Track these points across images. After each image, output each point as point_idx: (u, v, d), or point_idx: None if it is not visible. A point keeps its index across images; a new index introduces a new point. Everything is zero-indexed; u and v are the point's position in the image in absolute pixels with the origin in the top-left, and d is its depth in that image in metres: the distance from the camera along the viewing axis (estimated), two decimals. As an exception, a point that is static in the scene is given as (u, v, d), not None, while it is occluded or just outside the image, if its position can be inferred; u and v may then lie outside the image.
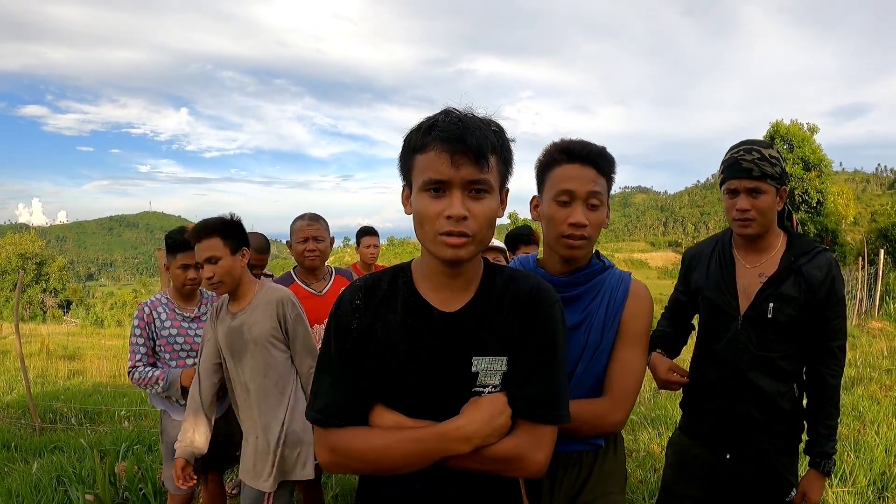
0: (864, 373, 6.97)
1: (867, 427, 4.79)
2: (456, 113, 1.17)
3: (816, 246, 1.98)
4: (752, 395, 1.98)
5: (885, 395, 5.87)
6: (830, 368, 1.97)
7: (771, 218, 1.94)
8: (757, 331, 1.96)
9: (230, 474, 4.23)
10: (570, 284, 1.59)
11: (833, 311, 1.94)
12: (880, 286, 12.62)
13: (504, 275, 1.31)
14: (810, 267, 1.92)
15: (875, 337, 9.54)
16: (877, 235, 21.31)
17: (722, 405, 2.04)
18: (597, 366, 1.56)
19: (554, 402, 1.23)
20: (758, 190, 1.90)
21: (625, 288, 1.60)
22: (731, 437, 2.03)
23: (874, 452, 4.13)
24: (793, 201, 24.85)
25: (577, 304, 1.58)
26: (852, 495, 3.56)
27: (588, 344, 1.56)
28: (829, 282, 1.91)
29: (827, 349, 1.97)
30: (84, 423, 6.19)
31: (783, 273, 1.94)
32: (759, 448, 2.00)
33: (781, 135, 25.31)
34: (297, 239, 2.87)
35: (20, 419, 6.35)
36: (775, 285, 1.94)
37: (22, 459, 4.81)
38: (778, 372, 1.97)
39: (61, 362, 10.83)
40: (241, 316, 2.46)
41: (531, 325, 1.25)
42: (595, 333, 1.56)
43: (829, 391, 1.98)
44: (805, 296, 1.91)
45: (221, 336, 2.48)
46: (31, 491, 3.87)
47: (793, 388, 2.00)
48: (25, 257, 47.22)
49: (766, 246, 2.00)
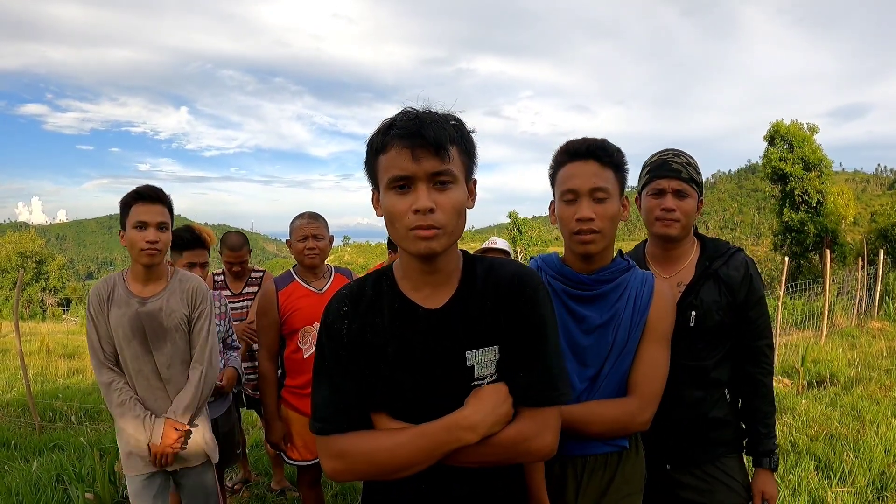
0: (864, 373, 6.97)
1: (866, 427, 4.79)
2: (413, 111, 1.19)
3: (730, 247, 1.97)
4: (683, 405, 1.90)
5: (885, 396, 5.87)
6: (761, 367, 1.95)
7: (692, 223, 1.94)
8: (682, 341, 1.83)
9: (230, 472, 4.24)
10: (597, 282, 1.60)
11: (756, 309, 1.92)
12: (880, 286, 12.61)
13: (484, 264, 1.32)
14: (727, 269, 1.90)
15: (874, 337, 9.54)
16: (876, 236, 21.30)
17: (657, 416, 1.90)
18: (623, 365, 1.57)
19: (551, 385, 1.25)
20: (684, 192, 1.89)
21: (650, 287, 1.61)
22: (669, 447, 1.95)
23: (873, 452, 4.14)
24: (793, 201, 24.83)
25: (604, 302, 1.60)
26: (851, 495, 3.57)
27: (616, 342, 1.57)
28: (747, 281, 1.89)
29: (755, 349, 1.94)
30: (84, 421, 6.20)
31: (700, 279, 1.91)
32: (695, 457, 1.94)
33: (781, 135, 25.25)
34: (297, 237, 2.88)
35: (20, 417, 6.35)
36: (694, 293, 1.90)
37: (22, 458, 4.81)
38: (707, 379, 1.92)
39: (61, 361, 10.82)
40: (155, 301, 2.37)
41: (517, 311, 1.26)
42: (623, 332, 1.57)
43: (763, 390, 1.95)
44: (726, 298, 1.89)
45: (123, 321, 2.32)
46: (31, 489, 3.87)
47: (724, 395, 1.97)
48: (25, 256, 47.15)
49: (681, 254, 1.97)
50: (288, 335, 2.89)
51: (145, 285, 2.39)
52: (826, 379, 6.88)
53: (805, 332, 10.37)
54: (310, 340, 2.87)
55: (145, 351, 2.36)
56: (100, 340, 2.33)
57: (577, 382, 1.57)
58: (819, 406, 5.53)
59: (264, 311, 2.89)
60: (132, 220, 2.30)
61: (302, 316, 2.85)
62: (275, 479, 4.12)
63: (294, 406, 2.91)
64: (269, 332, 2.89)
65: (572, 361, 1.58)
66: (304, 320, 2.85)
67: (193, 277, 2.54)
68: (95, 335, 2.33)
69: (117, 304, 2.34)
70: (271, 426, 2.92)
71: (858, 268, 13.80)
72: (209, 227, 3.39)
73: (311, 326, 2.86)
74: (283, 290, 2.89)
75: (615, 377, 1.57)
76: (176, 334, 2.39)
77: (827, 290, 10.31)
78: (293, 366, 2.92)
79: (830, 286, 10.96)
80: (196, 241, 3.03)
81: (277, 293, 2.87)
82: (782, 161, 24.81)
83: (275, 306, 2.85)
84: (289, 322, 2.85)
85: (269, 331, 2.89)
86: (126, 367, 2.36)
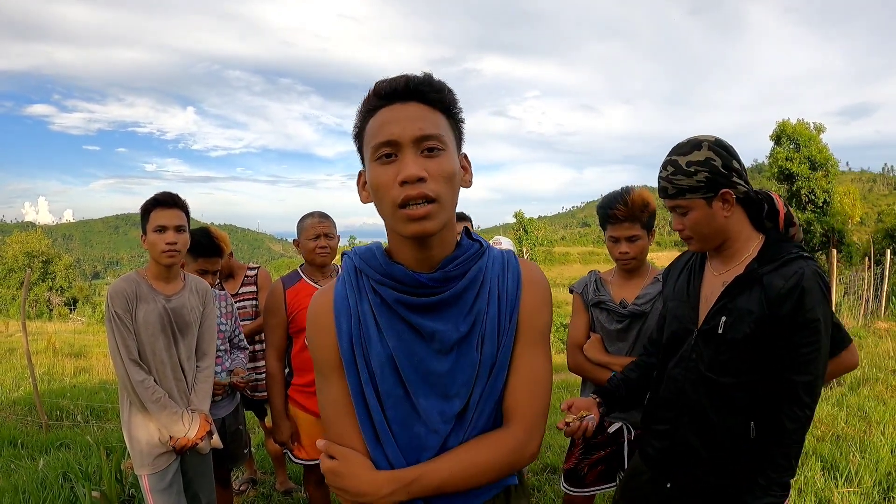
0: (871, 373, 6.93)
1: (873, 427, 4.77)
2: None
3: (793, 252, 1.61)
4: (695, 421, 1.71)
5: (892, 396, 5.84)
6: (790, 410, 1.57)
7: (713, 230, 1.68)
8: (709, 348, 1.67)
9: (237, 472, 4.25)
10: (443, 280, 1.13)
11: (800, 335, 1.55)
12: (887, 286, 12.55)
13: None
14: (774, 276, 1.57)
15: (881, 337, 9.49)
16: (883, 235, 21.24)
17: (668, 429, 1.80)
18: (495, 386, 1.15)
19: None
20: (679, 207, 1.70)
21: (515, 274, 1.20)
22: (674, 465, 1.79)
23: (880, 453, 4.12)
24: (799, 201, 24.74)
25: (458, 308, 1.15)
26: (858, 495, 3.55)
27: (483, 359, 1.14)
28: (796, 296, 1.53)
29: (789, 384, 1.57)
30: (90, 420, 6.22)
31: (742, 282, 1.62)
32: (700, 482, 1.72)
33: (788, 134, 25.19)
34: (309, 236, 2.89)
35: (27, 416, 6.38)
36: (730, 296, 1.64)
37: (28, 456, 4.83)
38: (728, 401, 1.65)
39: (67, 360, 10.87)
40: (178, 298, 2.53)
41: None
42: (490, 344, 1.15)
43: (782, 437, 1.58)
44: (763, 311, 1.57)
45: (152, 317, 2.43)
46: (38, 488, 3.89)
47: (748, 426, 1.64)
48: (32, 256, 47.38)
49: (733, 252, 1.71)
50: (295, 334, 2.89)
51: (167, 284, 2.53)
52: (832, 379, 6.85)
53: (811, 333, 10.32)
54: (316, 339, 2.86)
55: (170, 345, 2.49)
56: (126, 339, 2.39)
57: (437, 423, 1.13)
58: (825, 406, 5.50)
59: (272, 310, 2.90)
60: (152, 225, 2.45)
61: (309, 314, 2.85)
62: (278, 481, 4.12)
63: (302, 405, 2.91)
64: (276, 331, 2.90)
65: (429, 396, 1.13)
66: (310, 319, 2.85)
67: (199, 279, 2.70)
68: (123, 334, 2.38)
69: (144, 301, 2.44)
70: (279, 425, 2.92)
71: (865, 268, 13.73)
72: (215, 226, 3.38)
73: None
74: (291, 288, 2.89)
75: (487, 405, 1.15)
76: (194, 329, 2.58)
77: (833, 290, 10.28)
78: (300, 364, 2.92)
79: (837, 286, 10.91)
80: (212, 249, 3.04)
81: (285, 292, 2.88)
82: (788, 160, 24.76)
83: (282, 305, 2.86)
84: (296, 320, 2.85)
85: (277, 329, 2.89)
86: (148, 362, 2.45)
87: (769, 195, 1.73)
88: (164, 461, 2.46)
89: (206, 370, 2.63)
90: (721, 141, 1.67)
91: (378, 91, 1.10)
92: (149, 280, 2.51)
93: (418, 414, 1.14)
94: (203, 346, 2.64)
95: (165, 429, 2.42)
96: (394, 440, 1.13)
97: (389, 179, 1.05)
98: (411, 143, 1.05)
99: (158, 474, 2.45)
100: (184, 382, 2.54)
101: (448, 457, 1.12)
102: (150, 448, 2.43)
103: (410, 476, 1.09)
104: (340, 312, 1.17)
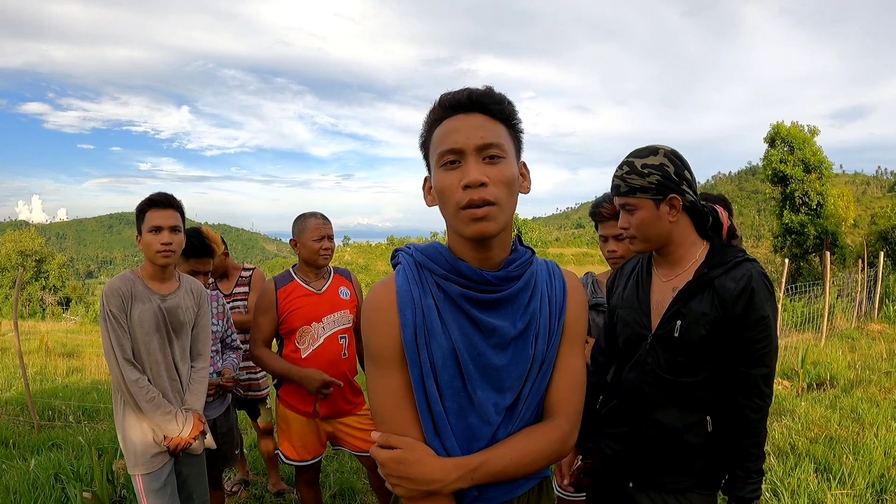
0: (864, 375, 6.96)
1: (866, 429, 4.79)
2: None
3: (739, 256, 1.71)
4: (654, 422, 1.77)
5: (885, 398, 5.87)
6: (751, 400, 1.68)
7: (657, 232, 1.74)
8: (665, 351, 1.74)
9: (230, 473, 4.23)
10: (506, 279, 1.22)
11: (753, 331, 1.65)
12: (880, 288, 12.61)
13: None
14: (725, 279, 1.67)
15: (874, 339, 9.53)
16: (876, 238, 21.33)
17: (626, 431, 1.85)
18: (542, 383, 1.26)
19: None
20: (628, 205, 1.76)
21: (560, 281, 1.32)
22: (634, 464, 1.83)
23: (873, 455, 4.13)
24: (793, 203, 24.85)
25: (515, 305, 1.24)
26: (851, 498, 3.56)
27: (535, 356, 1.25)
28: (746, 296, 1.63)
29: (748, 377, 1.68)
30: (82, 420, 6.19)
31: (693, 287, 1.70)
32: (660, 481, 1.78)
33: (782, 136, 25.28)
34: (313, 237, 2.86)
35: (18, 416, 6.34)
36: (684, 300, 1.71)
37: (20, 457, 4.80)
38: (687, 401, 1.74)
39: (60, 360, 10.82)
40: (173, 298, 2.52)
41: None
42: (542, 342, 1.25)
43: (749, 428, 1.68)
44: (717, 312, 1.66)
45: (147, 317, 2.41)
46: (29, 488, 3.86)
47: (705, 421, 1.74)
48: (25, 254, 47.20)
49: (679, 258, 1.78)
50: (286, 335, 2.88)
51: (162, 284, 2.52)
52: (826, 381, 6.87)
53: (805, 334, 10.36)
54: (308, 341, 2.85)
55: (164, 345, 2.47)
56: (121, 338, 2.38)
57: (491, 415, 1.21)
58: (819, 408, 5.52)
59: (263, 308, 2.88)
60: (147, 225, 2.44)
61: (300, 315, 2.84)
62: (270, 482, 4.11)
63: (293, 406, 2.90)
64: (264, 328, 2.88)
65: (485, 389, 1.21)
66: (302, 320, 2.84)
67: (194, 279, 2.70)
68: (118, 333, 2.37)
69: (140, 300, 2.43)
70: (304, 376, 2.77)
71: (858, 270, 13.80)
72: (209, 226, 3.36)
73: (310, 327, 2.84)
74: (283, 288, 2.88)
75: (534, 400, 1.25)
76: (188, 329, 2.57)
77: (827, 292, 10.31)
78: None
79: (830, 288, 10.95)
80: (203, 250, 3.02)
81: (277, 291, 2.86)
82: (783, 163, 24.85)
83: (273, 304, 2.85)
84: (287, 321, 2.84)
85: (266, 326, 2.88)
86: (143, 362, 2.43)
87: (714, 209, 1.81)
88: (159, 461, 2.44)
89: (201, 371, 2.62)
90: (676, 152, 1.75)
91: (443, 103, 1.19)
92: (144, 280, 2.50)
93: (474, 405, 1.20)
94: (198, 346, 2.64)
95: (159, 428, 2.41)
96: (451, 430, 1.19)
97: (454, 184, 1.14)
98: (474, 151, 1.13)
99: (153, 475, 2.43)
100: (178, 382, 2.52)
101: (506, 445, 1.20)
102: (145, 448, 2.42)
103: (475, 463, 1.15)
104: (405, 305, 1.20)
